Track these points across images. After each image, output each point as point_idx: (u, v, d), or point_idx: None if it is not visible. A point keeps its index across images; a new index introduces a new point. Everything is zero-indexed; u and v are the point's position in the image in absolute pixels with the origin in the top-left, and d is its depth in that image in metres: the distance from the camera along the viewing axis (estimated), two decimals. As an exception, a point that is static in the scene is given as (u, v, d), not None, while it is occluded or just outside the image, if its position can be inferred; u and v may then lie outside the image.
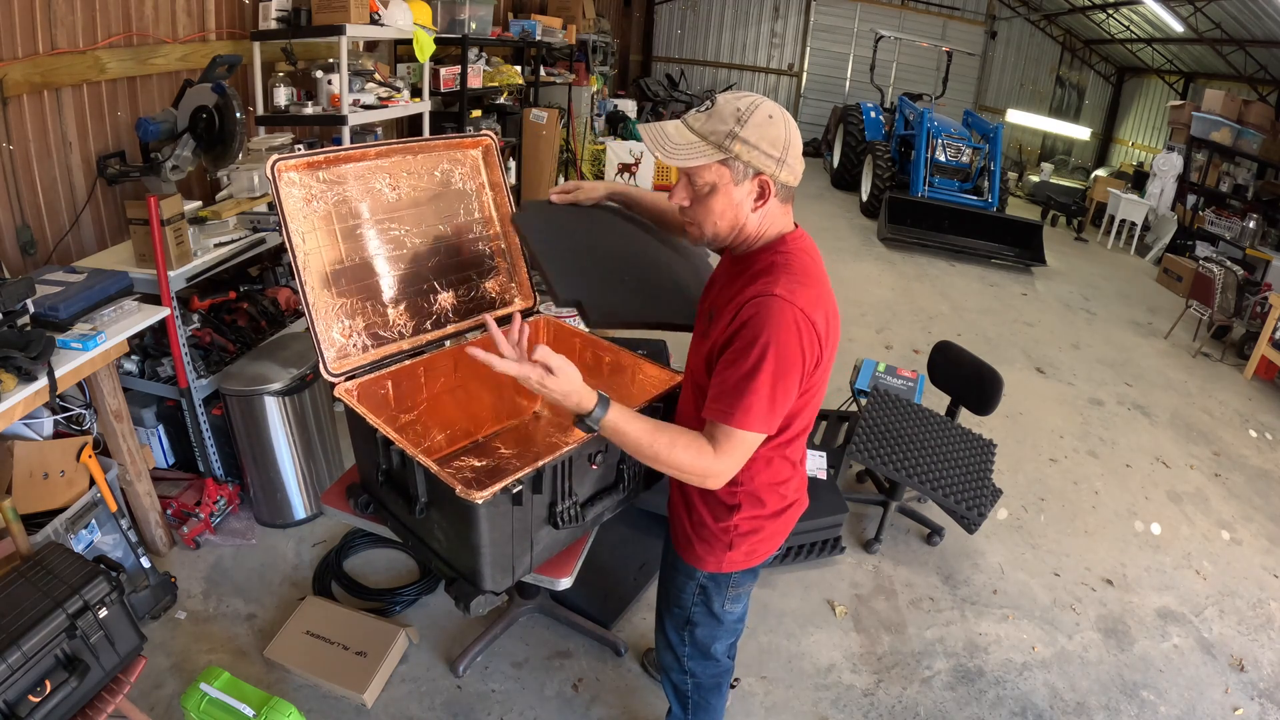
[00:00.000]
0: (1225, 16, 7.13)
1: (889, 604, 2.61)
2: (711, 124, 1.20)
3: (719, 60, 11.58)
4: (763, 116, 1.19)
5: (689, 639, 1.58)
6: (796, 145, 1.23)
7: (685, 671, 1.64)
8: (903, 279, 6.17)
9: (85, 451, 2.04)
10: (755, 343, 1.18)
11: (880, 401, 3.08)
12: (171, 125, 2.32)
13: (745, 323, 1.20)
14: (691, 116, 1.24)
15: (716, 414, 1.21)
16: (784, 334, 1.18)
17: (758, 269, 1.27)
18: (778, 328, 1.17)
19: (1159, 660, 2.50)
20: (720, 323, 1.26)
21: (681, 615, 1.55)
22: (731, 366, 1.20)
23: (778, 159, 1.21)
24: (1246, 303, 5.36)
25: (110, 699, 1.60)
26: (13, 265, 2.29)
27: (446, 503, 1.33)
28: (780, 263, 1.26)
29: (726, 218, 1.26)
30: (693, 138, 1.21)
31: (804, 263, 1.27)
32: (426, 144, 1.79)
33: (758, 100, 1.22)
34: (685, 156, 1.21)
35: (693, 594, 1.51)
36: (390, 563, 2.52)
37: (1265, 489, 3.68)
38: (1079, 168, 10.78)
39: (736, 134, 1.18)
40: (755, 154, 1.19)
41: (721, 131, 1.19)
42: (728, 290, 1.31)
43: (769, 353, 1.17)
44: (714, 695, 1.71)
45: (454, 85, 4.73)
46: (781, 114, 1.22)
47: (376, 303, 1.69)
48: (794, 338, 1.18)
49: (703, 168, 1.22)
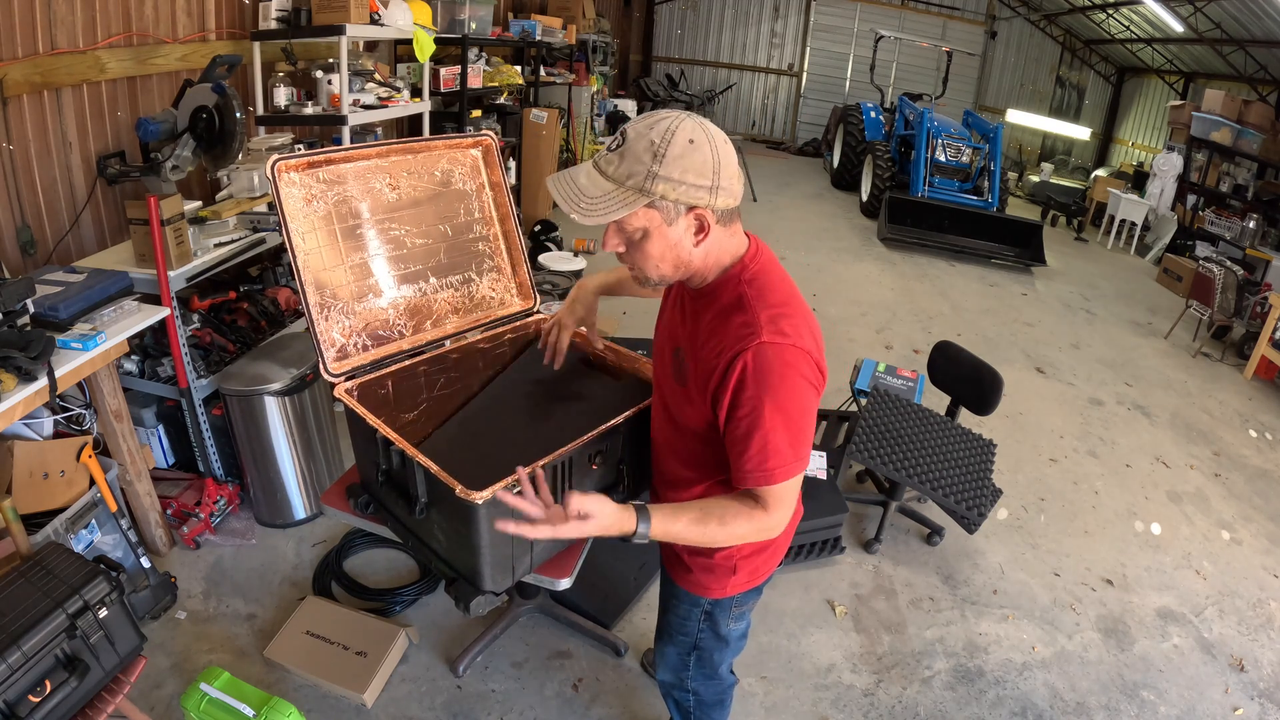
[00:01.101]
0: (1225, 16, 7.13)
1: (889, 604, 2.61)
2: (626, 166, 1.06)
3: (719, 60, 11.59)
4: (682, 144, 1.05)
5: (694, 662, 1.55)
6: (729, 164, 1.09)
7: (688, 690, 1.62)
8: (903, 279, 6.17)
9: (85, 451, 2.04)
10: (761, 401, 1.11)
11: (880, 401, 3.08)
12: (171, 125, 2.32)
13: (742, 382, 1.11)
14: (603, 158, 1.10)
15: (753, 481, 1.15)
16: (788, 381, 1.11)
17: (725, 303, 1.17)
18: (780, 378, 1.11)
19: (1159, 660, 2.50)
20: (699, 371, 1.19)
21: (687, 642, 1.52)
22: (747, 435, 1.13)
23: (709, 187, 1.07)
24: (1246, 303, 5.36)
25: (110, 699, 1.60)
26: (13, 265, 2.29)
27: (446, 503, 1.33)
28: (750, 295, 1.16)
29: (667, 260, 1.14)
30: (608, 186, 1.08)
31: (772, 283, 1.18)
32: (426, 144, 1.79)
33: (673, 124, 1.06)
34: (604, 211, 1.07)
35: (698, 620, 1.47)
36: (390, 563, 2.52)
37: (1265, 489, 3.68)
38: (1079, 168, 10.78)
39: (656, 173, 1.05)
40: (682, 189, 1.06)
41: (639, 173, 1.05)
42: (695, 328, 1.21)
43: (779, 407, 1.11)
44: (717, 710, 1.69)
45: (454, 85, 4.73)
46: (704, 134, 1.07)
47: (376, 303, 1.70)
48: (798, 378, 1.12)
49: (629, 215, 1.09)
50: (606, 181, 1.08)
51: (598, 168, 1.10)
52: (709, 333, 1.18)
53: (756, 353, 1.10)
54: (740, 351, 1.11)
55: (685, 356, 1.24)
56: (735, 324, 1.14)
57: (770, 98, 11.76)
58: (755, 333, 1.11)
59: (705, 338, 1.18)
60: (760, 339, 1.11)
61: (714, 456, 1.26)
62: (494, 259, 1.92)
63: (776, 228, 7.12)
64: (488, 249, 1.90)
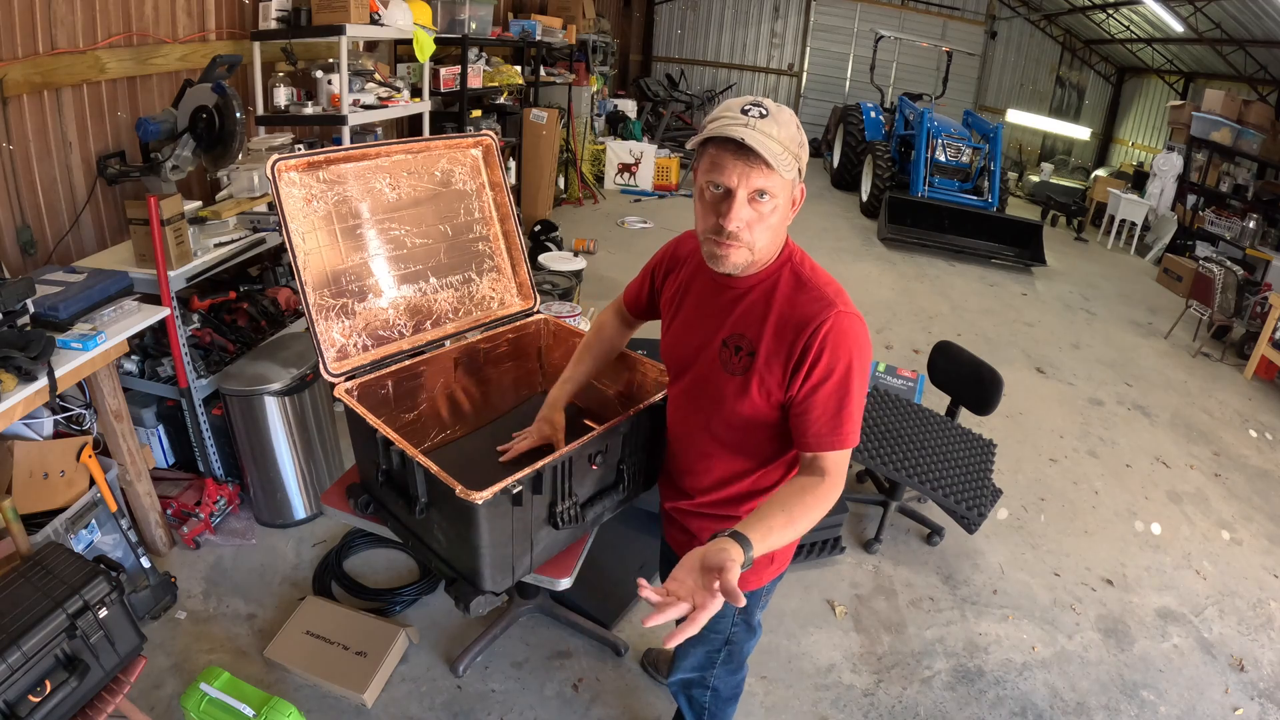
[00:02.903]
0: (1225, 16, 7.13)
1: (889, 604, 2.61)
2: (785, 132, 1.10)
3: (719, 60, 11.59)
4: (788, 117, 1.12)
5: (723, 658, 1.55)
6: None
7: (708, 688, 1.61)
8: (903, 279, 6.17)
9: (85, 451, 2.04)
10: (839, 366, 1.16)
11: (880, 401, 3.08)
12: (171, 125, 2.32)
13: (821, 349, 1.16)
14: (760, 124, 1.08)
15: (826, 445, 1.18)
16: (863, 348, 1.18)
17: (787, 286, 1.21)
18: (855, 343, 1.17)
19: (1159, 660, 2.50)
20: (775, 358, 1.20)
21: (719, 639, 1.51)
22: (829, 398, 1.17)
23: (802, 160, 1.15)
24: (1246, 303, 5.36)
25: (110, 699, 1.60)
26: (13, 265, 2.29)
27: (446, 503, 1.33)
28: (805, 273, 1.22)
29: (780, 233, 1.20)
30: (777, 149, 1.08)
31: (815, 265, 1.25)
32: (426, 144, 1.79)
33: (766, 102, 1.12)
34: (784, 167, 1.09)
35: (733, 616, 1.46)
36: (390, 563, 2.52)
37: (1265, 489, 3.68)
38: (1079, 168, 10.78)
39: (803, 142, 1.13)
40: (803, 162, 1.15)
41: (796, 140, 1.11)
42: (759, 314, 1.22)
43: (854, 372, 1.16)
44: (731, 705, 1.69)
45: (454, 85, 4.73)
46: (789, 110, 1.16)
47: (376, 303, 1.70)
48: (867, 347, 1.20)
49: (780, 183, 1.11)
50: (775, 144, 1.08)
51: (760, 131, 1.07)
52: (782, 314, 1.20)
53: (836, 321, 1.16)
54: (822, 321, 1.16)
55: (751, 344, 1.23)
56: (807, 298, 1.19)
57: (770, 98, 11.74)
58: (831, 303, 1.17)
59: (778, 320, 1.20)
60: (836, 308, 1.17)
61: (770, 442, 1.29)
62: (494, 259, 1.92)
63: (776, 228, 7.11)
64: (488, 249, 1.90)
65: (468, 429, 1.89)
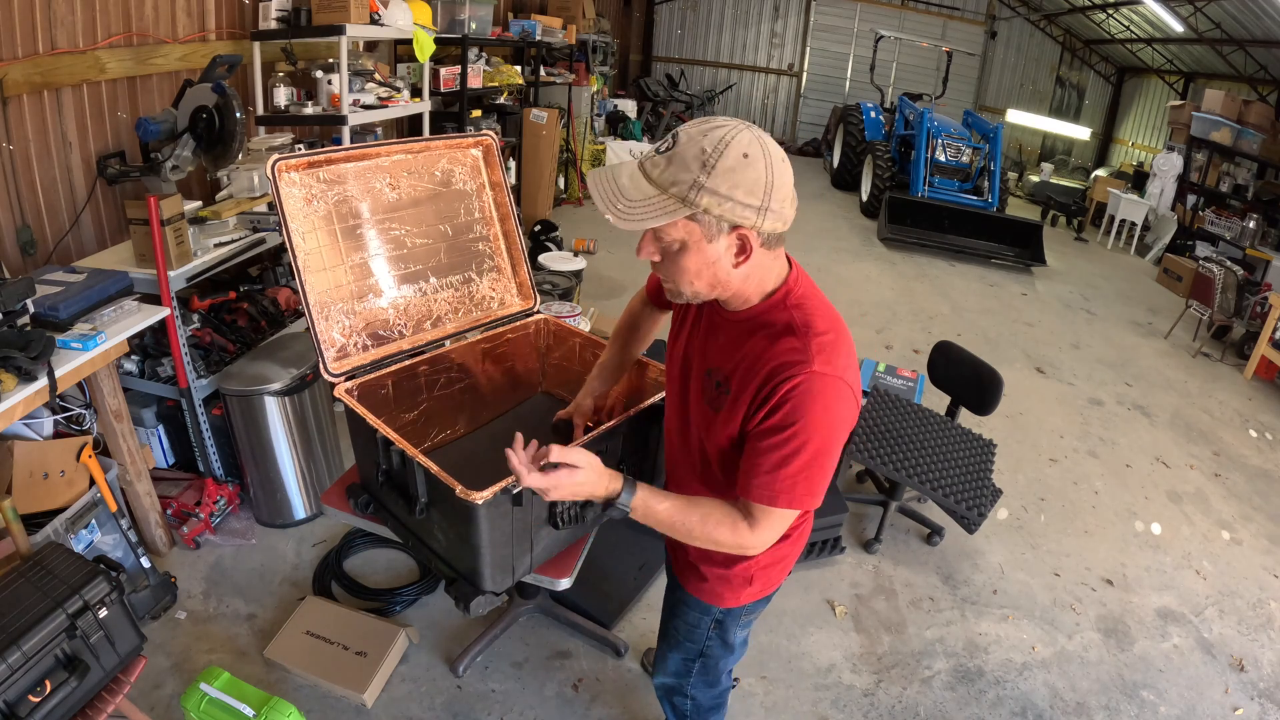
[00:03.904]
0: (1225, 16, 7.13)
1: (889, 604, 2.61)
2: (673, 172, 1.00)
3: (719, 60, 11.58)
4: (735, 157, 0.98)
5: (698, 669, 1.53)
6: (783, 186, 1.02)
7: (687, 696, 1.61)
8: (903, 279, 6.17)
9: (85, 451, 2.04)
10: (798, 426, 1.06)
11: (880, 401, 3.08)
12: (171, 125, 2.32)
13: (783, 403, 1.07)
14: (650, 160, 1.03)
15: (754, 495, 1.11)
16: (830, 415, 1.07)
17: (773, 329, 1.12)
18: (824, 410, 1.06)
19: (1159, 660, 2.50)
20: (742, 396, 1.13)
21: (694, 649, 1.50)
22: (772, 450, 1.08)
23: (758, 207, 1.00)
24: (1246, 303, 5.36)
25: (110, 699, 1.60)
26: (13, 265, 2.29)
27: (446, 503, 1.33)
28: (799, 319, 1.11)
29: (704, 277, 1.08)
30: (650, 190, 1.01)
31: (818, 307, 1.13)
32: (426, 144, 1.79)
33: (730, 133, 0.99)
34: (642, 217, 1.01)
35: (707, 629, 1.45)
36: (390, 563, 2.52)
37: (1265, 489, 3.68)
38: (1079, 168, 10.78)
39: (702, 184, 0.98)
40: (728, 206, 0.99)
41: (685, 181, 0.99)
42: (736, 352, 1.16)
43: (814, 436, 1.07)
44: (714, 715, 1.68)
45: (454, 85, 4.73)
46: (761, 149, 1.00)
47: (376, 303, 1.70)
48: (839, 413, 1.08)
49: (668, 225, 1.03)
50: (649, 185, 1.02)
51: (643, 169, 1.04)
52: (755, 357, 1.12)
53: (807, 381, 1.05)
54: (791, 376, 1.06)
55: (723, 380, 1.18)
56: (786, 347, 1.09)
57: (770, 98, 11.75)
58: (808, 361, 1.06)
59: (752, 362, 1.12)
60: (812, 368, 1.06)
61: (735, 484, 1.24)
62: (494, 259, 1.92)
63: (776, 228, 7.11)
64: (488, 249, 1.90)
65: (468, 429, 1.89)
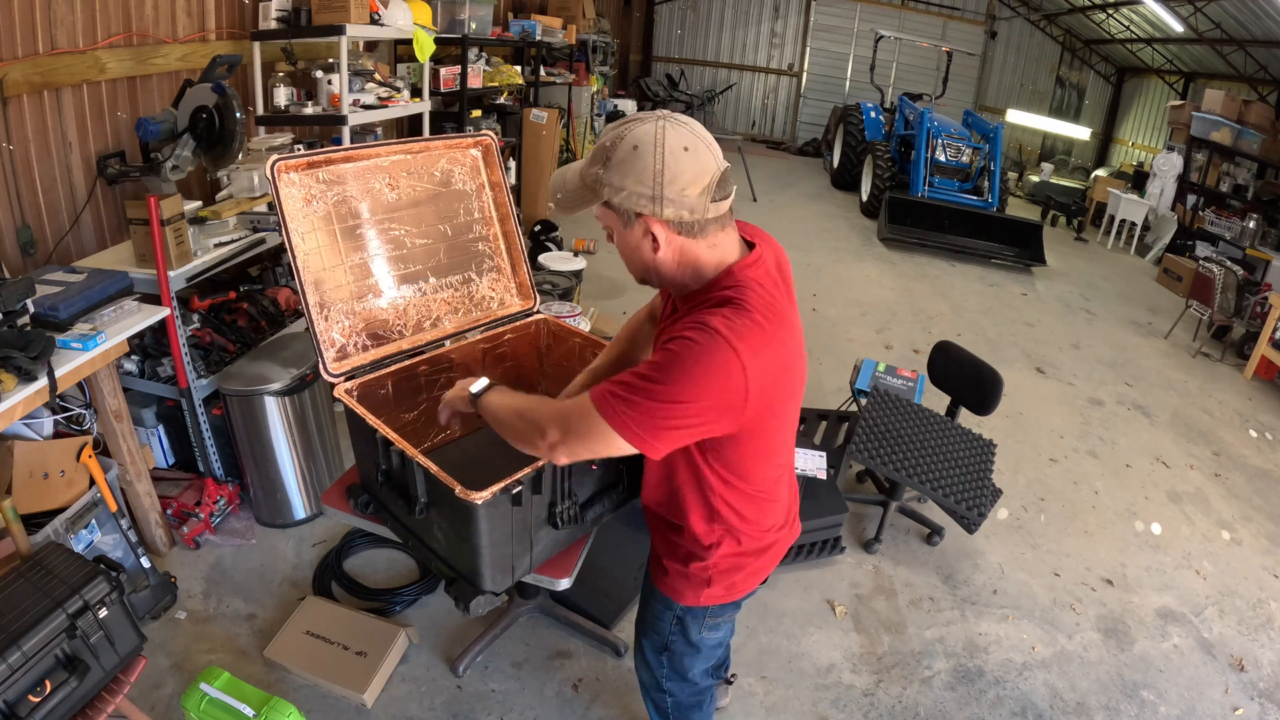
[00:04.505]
0: (1225, 16, 7.13)
1: (889, 604, 2.61)
2: (589, 166, 1.11)
3: (719, 60, 11.58)
4: (626, 150, 1.06)
5: (666, 662, 1.54)
6: (679, 175, 1.05)
7: (664, 691, 1.61)
8: (903, 279, 6.17)
9: (85, 451, 2.04)
10: (664, 363, 1.06)
11: (880, 401, 3.08)
12: (171, 125, 2.32)
13: (672, 339, 1.08)
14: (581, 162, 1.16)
15: (596, 394, 1.10)
16: (697, 370, 1.04)
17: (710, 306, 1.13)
18: (695, 362, 1.04)
19: (1159, 660, 2.50)
20: None
21: (659, 641, 1.51)
22: (634, 373, 1.09)
23: (650, 196, 1.06)
24: (1246, 303, 5.36)
25: (110, 699, 1.60)
26: (13, 265, 2.29)
27: (446, 503, 1.33)
28: (734, 297, 1.11)
29: (635, 261, 1.17)
30: (577, 184, 1.13)
31: (761, 296, 1.12)
32: (426, 144, 1.79)
33: (629, 128, 1.07)
34: (569, 204, 1.14)
35: (670, 623, 1.46)
36: (390, 563, 2.52)
37: (1265, 489, 3.68)
38: (1079, 168, 10.78)
39: (600, 176, 1.08)
40: (623, 195, 1.07)
41: (593, 174, 1.10)
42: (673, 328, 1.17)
43: (672, 382, 1.05)
44: (695, 712, 1.67)
45: (454, 85, 4.73)
46: (654, 140, 1.05)
47: (376, 303, 1.70)
48: (711, 379, 1.05)
49: (602, 211, 1.13)
50: (577, 179, 1.14)
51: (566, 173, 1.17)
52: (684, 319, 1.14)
53: (697, 334, 1.06)
54: (694, 324, 1.08)
55: None
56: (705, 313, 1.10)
57: (770, 98, 11.75)
58: (714, 320, 1.07)
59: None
60: (711, 324, 1.06)
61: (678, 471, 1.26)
62: (494, 259, 1.92)
63: (776, 228, 7.07)
64: (488, 249, 1.90)
65: (468, 429, 1.89)
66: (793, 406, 1.26)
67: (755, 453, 1.23)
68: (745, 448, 1.20)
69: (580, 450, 1.16)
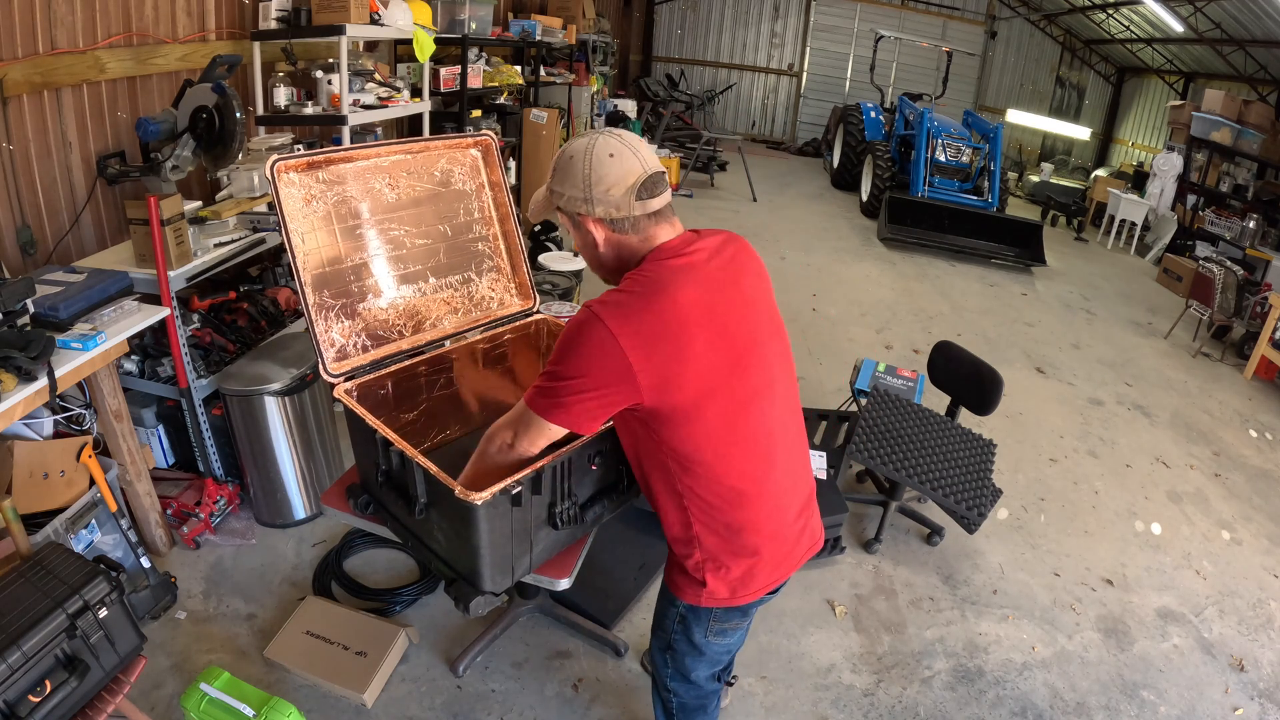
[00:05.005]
0: (1225, 16, 7.13)
1: (889, 604, 2.61)
2: (549, 177, 1.30)
3: (719, 60, 11.59)
4: (564, 160, 1.25)
5: (670, 661, 1.55)
6: (604, 177, 1.21)
7: (669, 690, 1.61)
8: (903, 279, 6.17)
9: (85, 451, 2.04)
10: (558, 345, 1.22)
11: (880, 401, 3.08)
12: (171, 125, 2.32)
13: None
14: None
15: (526, 391, 1.27)
16: (573, 343, 1.19)
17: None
18: (570, 337, 1.20)
19: (1159, 660, 2.50)
20: None
21: (664, 638, 1.52)
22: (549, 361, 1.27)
23: (583, 198, 1.24)
24: (1246, 303, 5.36)
25: (110, 699, 1.60)
26: (13, 265, 2.29)
27: (446, 503, 1.33)
28: (628, 277, 1.26)
29: (587, 257, 1.34)
30: (544, 193, 1.31)
31: (647, 275, 1.23)
32: (426, 144, 1.79)
33: (569, 144, 1.27)
34: (536, 211, 1.34)
35: (674, 620, 1.47)
36: (390, 563, 2.52)
37: (1265, 489, 3.68)
38: (1079, 168, 10.78)
39: (550, 185, 1.29)
40: (565, 199, 1.26)
41: (549, 185, 1.30)
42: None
43: (560, 360, 1.21)
44: (699, 715, 1.66)
45: (454, 85, 4.73)
46: (584, 150, 1.23)
47: (376, 303, 1.70)
48: (585, 349, 1.18)
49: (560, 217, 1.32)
50: (544, 188, 1.32)
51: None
52: None
53: (576, 316, 1.21)
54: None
55: None
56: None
57: (770, 98, 11.76)
58: (591, 302, 1.21)
59: None
60: (589, 304, 1.20)
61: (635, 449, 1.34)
62: (494, 259, 1.92)
63: (776, 228, 7.12)
64: (487, 249, 1.90)
65: (468, 429, 1.89)
66: (739, 392, 1.25)
67: (706, 436, 1.24)
68: (684, 430, 1.23)
69: (531, 440, 1.28)
